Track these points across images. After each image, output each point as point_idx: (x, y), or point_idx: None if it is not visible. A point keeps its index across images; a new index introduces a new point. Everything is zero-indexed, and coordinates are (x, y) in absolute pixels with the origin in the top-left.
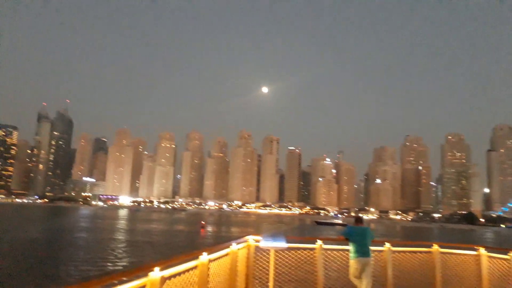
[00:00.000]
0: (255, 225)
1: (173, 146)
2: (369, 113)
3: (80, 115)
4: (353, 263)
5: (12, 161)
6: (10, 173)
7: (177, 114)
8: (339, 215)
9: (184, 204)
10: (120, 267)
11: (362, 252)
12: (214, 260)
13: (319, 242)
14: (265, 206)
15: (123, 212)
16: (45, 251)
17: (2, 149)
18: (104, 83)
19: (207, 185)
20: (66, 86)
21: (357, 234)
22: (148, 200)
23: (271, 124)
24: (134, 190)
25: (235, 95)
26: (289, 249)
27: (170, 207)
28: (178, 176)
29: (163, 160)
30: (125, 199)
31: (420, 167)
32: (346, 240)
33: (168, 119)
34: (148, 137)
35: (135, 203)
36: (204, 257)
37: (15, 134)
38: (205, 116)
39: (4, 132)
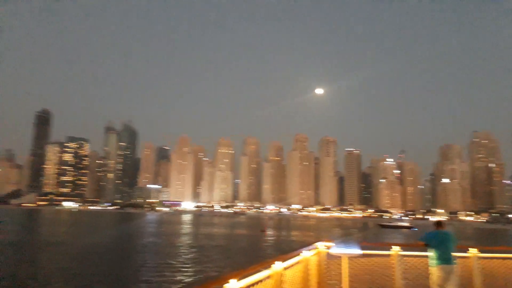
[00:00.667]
0: (316, 229)
1: (231, 151)
2: (432, 110)
3: (144, 125)
4: (435, 270)
5: (85, 171)
6: (84, 182)
7: (233, 119)
8: (404, 218)
9: (244, 208)
10: (191, 274)
11: (445, 258)
12: (288, 268)
13: (395, 248)
14: (324, 209)
15: (186, 217)
16: (118, 256)
17: (76, 160)
18: (164, 93)
19: (265, 189)
20: (130, 98)
21: (439, 239)
22: (210, 205)
23: (327, 126)
24: (196, 195)
25: (288, 98)
26: (362, 256)
27: (231, 211)
28: (237, 180)
29: (222, 165)
30: (188, 204)
31: (491, 165)
32: (426, 246)
33: (225, 125)
34: (207, 144)
35: (198, 208)
36: (278, 265)
37: (86, 146)
38: (260, 120)
39: (77, 144)
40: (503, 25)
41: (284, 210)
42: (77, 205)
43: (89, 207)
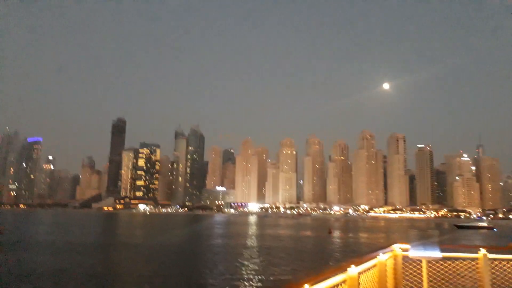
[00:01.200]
0: (387, 231)
1: (294, 152)
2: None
3: (210, 129)
4: None
5: (157, 175)
6: (156, 186)
7: (295, 119)
8: (484, 217)
9: (309, 209)
10: (260, 278)
11: None
12: (363, 272)
13: (482, 251)
14: (395, 210)
15: (252, 218)
16: (188, 257)
17: (148, 165)
18: (228, 97)
19: (330, 189)
20: (197, 104)
21: None
22: (274, 206)
23: (395, 122)
24: (261, 197)
25: (352, 95)
26: (444, 259)
27: (296, 213)
28: (301, 181)
29: (285, 166)
30: (254, 206)
31: None
32: None
33: (287, 125)
34: (270, 145)
35: (263, 209)
36: (353, 270)
37: (158, 151)
38: (323, 119)
39: (149, 150)
40: None
41: (351, 211)
42: (151, 208)
43: (161, 210)
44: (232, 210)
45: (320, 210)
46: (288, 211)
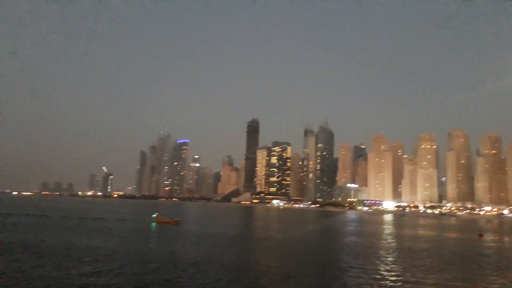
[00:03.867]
0: None
1: (434, 146)
2: None
3: (339, 126)
4: None
5: (288, 172)
6: (288, 182)
7: (433, 112)
8: None
9: (453, 209)
10: (400, 285)
11: None
12: None
13: None
14: None
15: (387, 217)
16: (321, 255)
17: (280, 162)
18: (356, 93)
19: (479, 187)
20: (324, 101)
21: None
22: (412, 205)
23: None
24: (396, 195)
25: (503, 79)
26: None
27: (437, 212)
28: (443, 178)
29: (424, 162)
30: (389, 204)
31: None
32: None
33: (424, 119)
34: (405, 140)
35: (399, 208)
36: None
37: (289, 149)
38: (466, 109)
39: (280, 148)
40: None
41: (506, 212)
42: (283, 203)
43: (293, 205)
44: (365, 208)
45: (467, 211)
46: (429, 211)
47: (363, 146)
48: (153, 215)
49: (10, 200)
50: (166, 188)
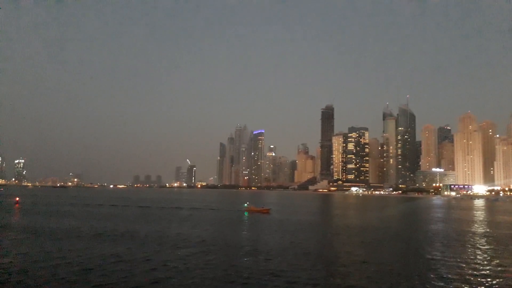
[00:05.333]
0: None
1: None
2: None
3: (420, 107)
4: None
5: (367, 158)
6: (367, 168)
7: None
8: None
9: None
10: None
11: None
12: None
13: None
14: None
15: (478, 202)
16: (405, 244)
17: (358, 148)
18: (437, 69)
19: None
20: (404, 81)
21: None
22: (507, 189)
23: None
24: (488, 178)
25: None
26: None
27: None
28: None
29: None
30: (479, 188)
31: None
32: None
33: None
34: (497, 119)
35: (492, 193)
36: None
37: (366, 134)
38: None
39: (357, 134)
40: None
41: None
42: (362, 190)
43: (373, 192)
44: (452, 193)
45: None
46: None
47: (448, 127)
48: (245, 204)
49: (112, 192)
50: (245, 178)
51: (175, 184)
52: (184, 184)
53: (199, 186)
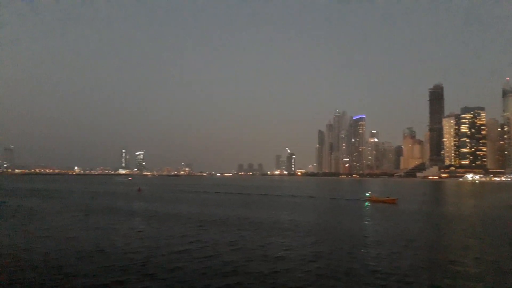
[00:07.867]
0: None
1: None
2: None
3: None
4: None
5: (484, 141)
6: (484, 152)
7: None
8: None
9: None
10: None
11: None
12: None
13: None
14: None
15: None
16: None
17: (473, 130)
18: None
19: None
20: None
21: None
22: None
23: None
24: None
25: None
26: None
27: None
28: None
29: None
30: None
31: None
32: None
33: None
34: None
35: None
36: None
37: (483, 114)
38: None
39: (472, 115)
40: None
41: None
42: (479, 177)
43: (492, 179)
44: None
45: None
46: None
47: None
48: (366, 194)
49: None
50: (345, 165)
51: (276, 172)
52: (285, 172)
53: (299, 173)
